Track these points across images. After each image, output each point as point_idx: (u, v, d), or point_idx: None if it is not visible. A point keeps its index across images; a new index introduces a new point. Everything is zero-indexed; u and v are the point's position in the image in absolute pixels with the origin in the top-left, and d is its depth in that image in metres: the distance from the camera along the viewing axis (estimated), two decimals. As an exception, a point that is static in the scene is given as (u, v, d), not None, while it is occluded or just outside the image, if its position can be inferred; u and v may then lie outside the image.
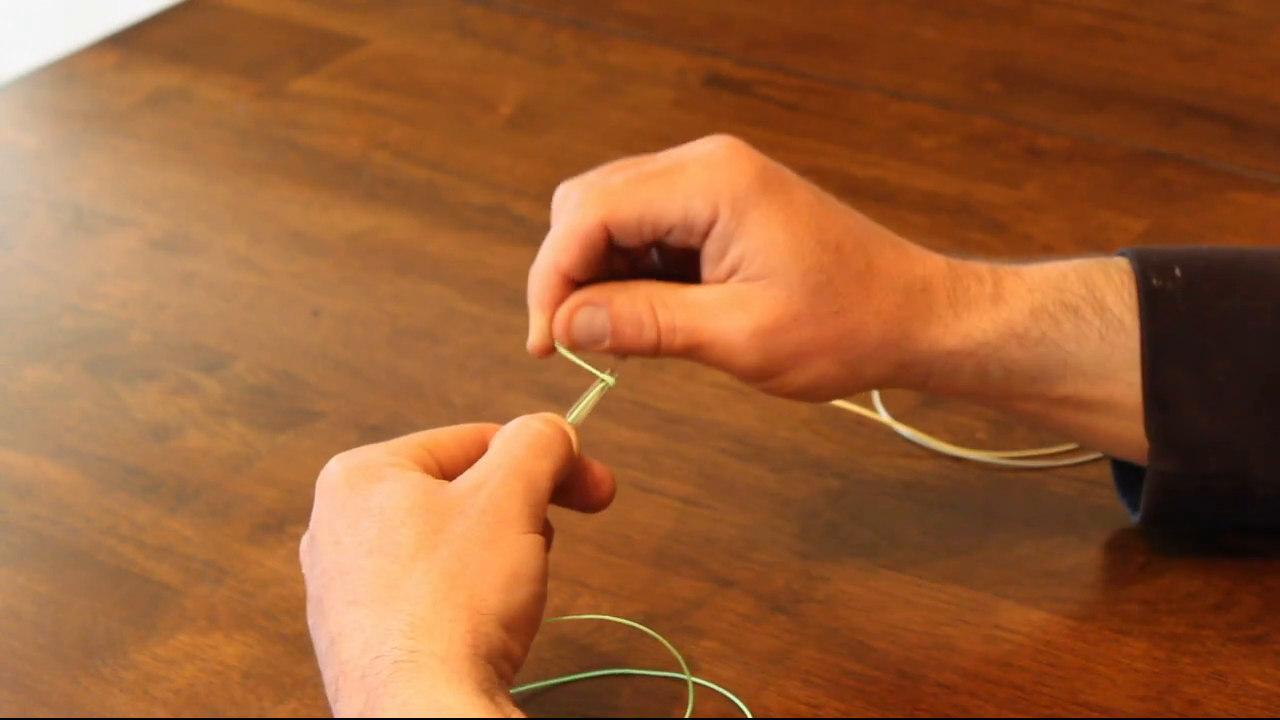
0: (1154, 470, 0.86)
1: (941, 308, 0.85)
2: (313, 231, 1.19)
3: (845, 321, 0.84)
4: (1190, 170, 1.22)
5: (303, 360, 1.08)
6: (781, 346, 0.84)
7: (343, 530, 0.77)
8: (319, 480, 0.80)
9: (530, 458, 0.79)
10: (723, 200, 0.83)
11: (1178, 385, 0.85)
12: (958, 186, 1.21)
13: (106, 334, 1.10)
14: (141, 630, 0.90)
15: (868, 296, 0.84)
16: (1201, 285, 0.86)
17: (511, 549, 0.76)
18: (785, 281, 0.83)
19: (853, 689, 0.85)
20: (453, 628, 0.74)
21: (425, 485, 0.78)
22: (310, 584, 0.79)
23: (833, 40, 1.39)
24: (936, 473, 0.98)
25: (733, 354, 0.84)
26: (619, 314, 0.84)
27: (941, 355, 0.85)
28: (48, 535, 0.96)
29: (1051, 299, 0.85)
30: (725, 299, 0.84)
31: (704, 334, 0.84)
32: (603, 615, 0.89)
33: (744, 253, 0.83)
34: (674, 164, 0.85)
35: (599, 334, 0.85)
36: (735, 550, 0.93)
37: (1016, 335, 0.85)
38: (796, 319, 0.83)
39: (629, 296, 0.84)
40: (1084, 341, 0.85)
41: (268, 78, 1.36)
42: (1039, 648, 0.87)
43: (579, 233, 0.84)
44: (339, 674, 0.75)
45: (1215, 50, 1.36)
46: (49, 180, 1.27)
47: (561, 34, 1.40)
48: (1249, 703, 0.84)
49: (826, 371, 0.85)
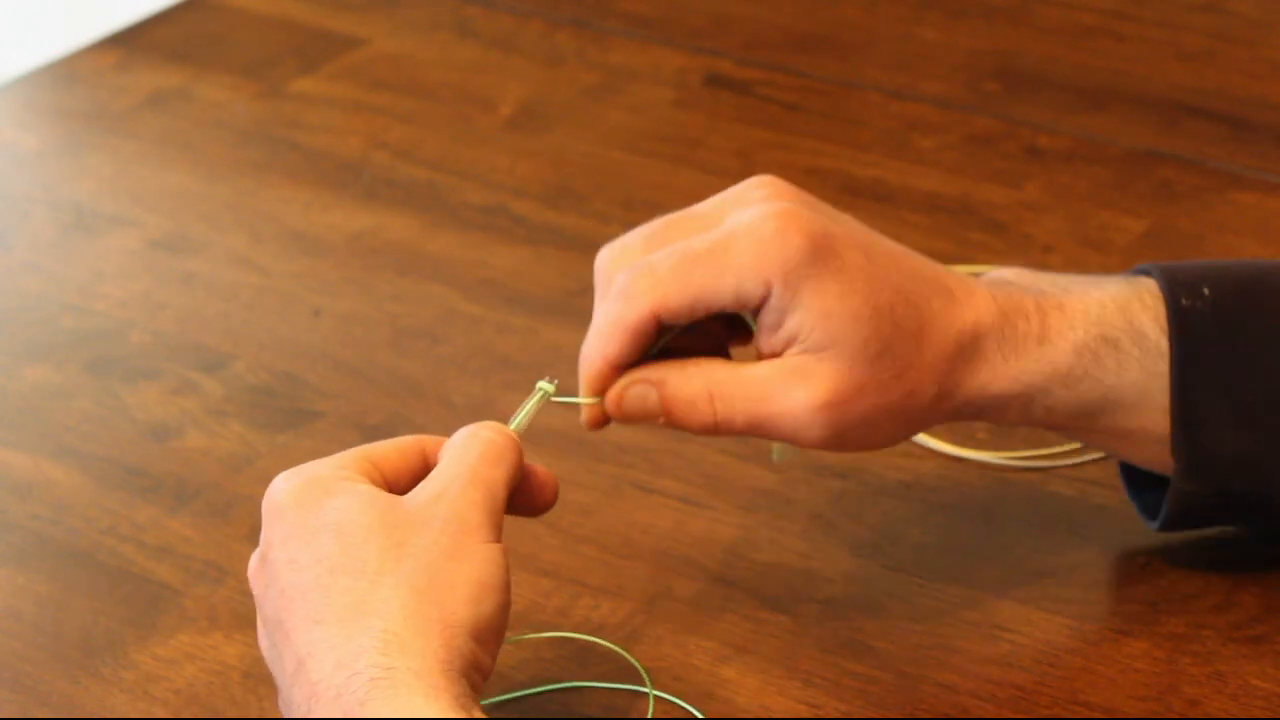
0: (1178, 489, 0.86)
1: (991, 353, 0.84)
2: (313, 231, 1.19)
3: (904, 384, 0.83)
4: (1190, 170, 1.22)
5: (303, 360, 1.08)
6: (848, 417, 0.83)
7: (298, 549, 0.76)
8: (265, 500, 0.78)
9: (485, 466, 0.78)
10: (775, 276, 0.81)
11: (1207, 407, 0.84)
12: (958, 186, 1.21)
13: (107, 334, 1.10)
14: (141, 630, 0.90)
15: (922, 356, 0.83)
16: (1229, 303, 0.85)
17: (477, 559, 0.76)
18: (847, 353, 0.82)
19: (853, 689, 0.85)
20: (425, 642, 0.73)
21: (380, 499, 0.77)
22: (265, 606, 0.77)
23: (833, 40, 1.39)
24: (936, 473, 0.98)
25: (800, 429, 0.83)
26: (673, 398, 0.83)
27: (989, 398, 0.85)
28: (48, 535, 0.96)
29: (1093, 335, 0.85)
30: (786, 374, 0.82)
31: (766, 413, 0.83)
32: (557, 633, 0.88)
33: (800, 325, 0.82)
34: (721, 240, 0.82)
35: (653, 412, 0.84)
36: (735, 550, 0.93)
37: (1060, 375, 0.85)
38: (860, 389, 0.82)
39: (684, 377, 0.83)
40: (1124, 373, 0.85)
41: (268, 78, 1.36)
42: (1039, 648, 0.87)
43: (628, 325, 0.82)
44: (309, 694, 0.74)
45: (1215, 50, 1.36)
46: (49, 180, 1.27)
47: (561, 34, 1.40)
48: (1249, 703, 0.84)
49: (890, 432, 0.85)
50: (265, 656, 0.78)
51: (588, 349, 0.84)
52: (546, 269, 1.15)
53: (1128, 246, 1.15)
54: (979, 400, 0.85)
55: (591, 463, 0.98)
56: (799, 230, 0.82)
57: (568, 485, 0.96)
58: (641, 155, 1.26)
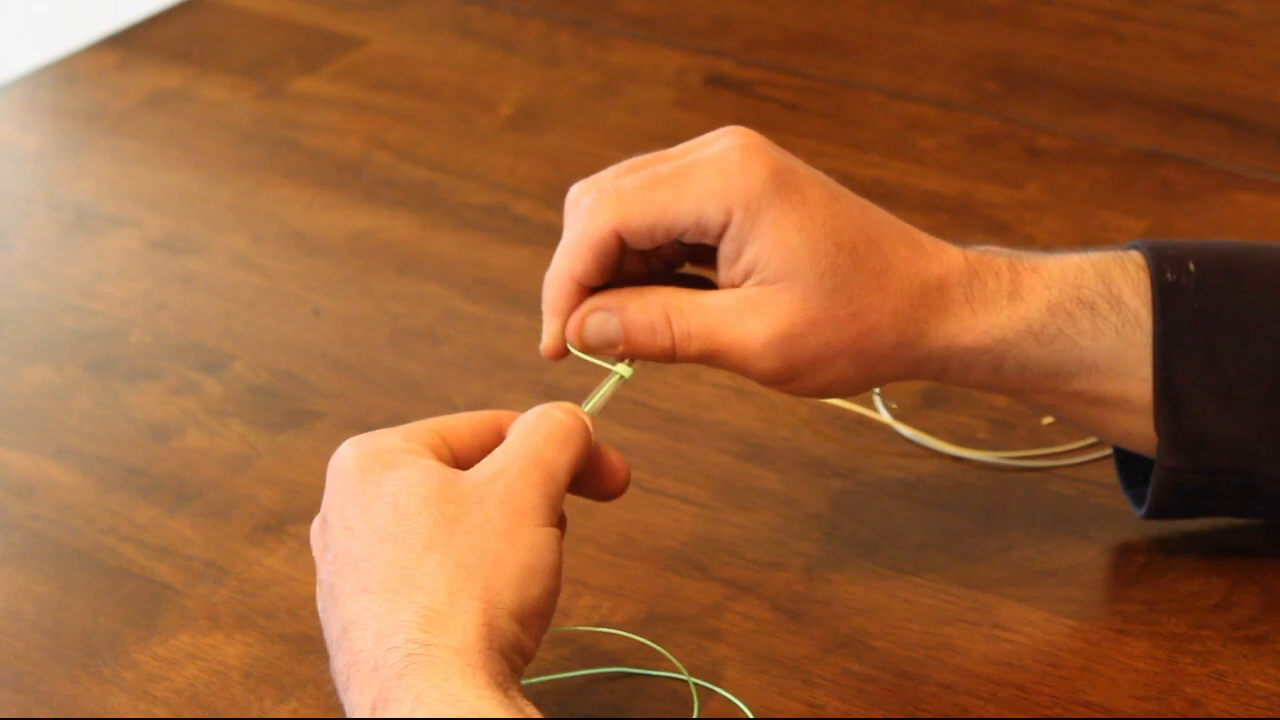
0: (1161, 466, 0.86)
1: (958, 305, 0.84)
2: (313, 231, 1.19)
3: (862, 323, 0.83)
4: (1190, 170, 1.22)
5: (303, 360, 1.08)
6: (799, 351, 0.83)
7: (355, 516, 0.77)
8: (331, 464, 0.79)
9: (550, 448, 0.79)
10: (735, 203, 0.82)
11: (1189, 382, 0.85)
12: (958, 186, 1.21)
13: (107, 334, 1.10)
14: (142, 630, 0.90)
15: (884, 298, 0.83)
16: (1215, 280, 0.85)
17: (528, 542, 0.76)
18: (801, 285, 0.82)
19: (853, 689, 0.85)
20: (467, 620, 0.74)
21: (440, 473, 0.77)
22: (321, 569, 0.78)
23: (833, 40, 1.39)
24: (937, 473, 0.98)
25: (750, 360, 0.83)
26: (632, 321, 0.83)
27: (957, 352, 0.85)
28: (48, 535, 0.96)
29: (1069, 295, 0.85)
30: (741, 304, 0.83)
31: (720, 341, 0.83)
32: (605, 628, 0.88)
33: (758, 255, 0.82)
34: (685, 166, 0.83)
35: (612, 339, 0.84)
36: (736, 550, 0.93)
37: (1033, 332, 0.85)
38: (813, 323, 0.83)
39: (643, 304, 0.84)
40: (1100, 338, 0.85)
41: (268, 78, 1.36)
42: (1039, 647, 0.87)
43: (592, 240, 0.83)
44: (350, 662, 0.74)
45: (1215, 50, 1.36)
46: (49, 180, 1.27)
47: (562, 34, 1.40)
48: (1249, 702, 0.84)
49: (844, 372, 0.84)
50: (320, 617, 0.79)
51: (553, 268, 0.84)
52: (546, 269, 1.15)
53: (1128, 246, 1.15)
54: (946, 353, 0.85)
55: (592, 463, 0.98)
56: (763, 161, 0.83)
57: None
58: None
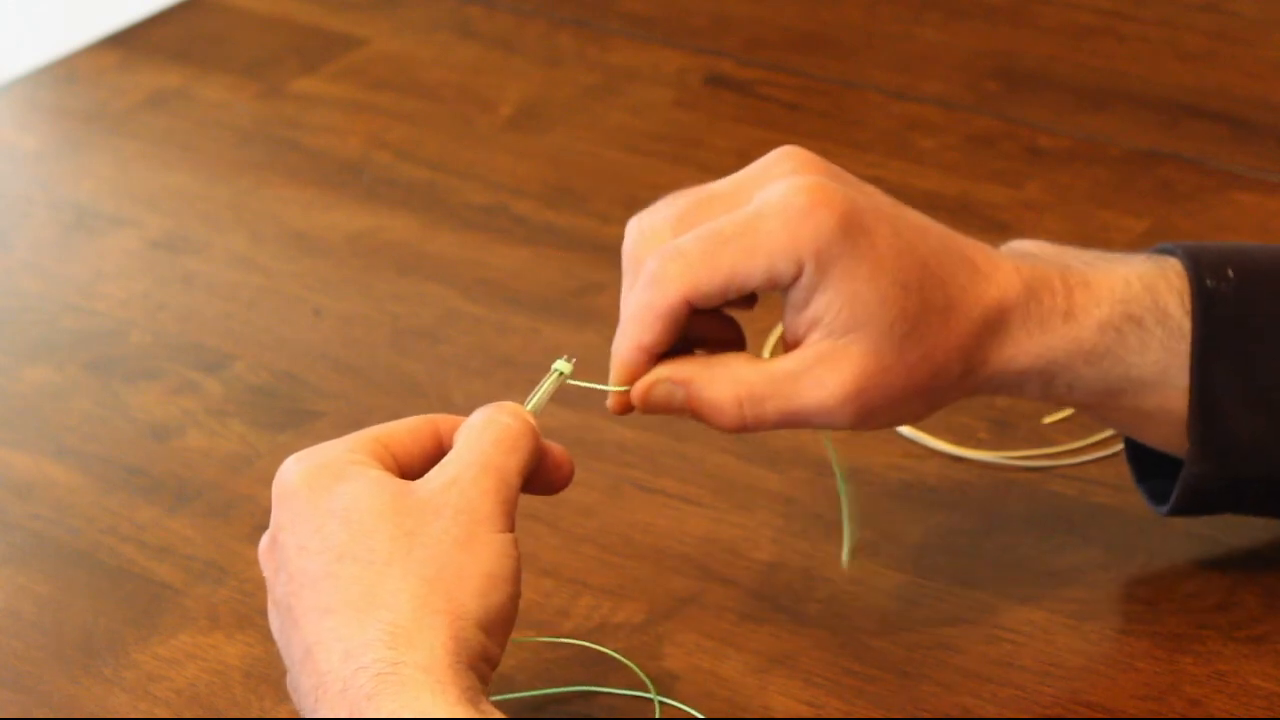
0: (1189, 472, 0.85)
1: (1016, 329, 0.84)
2: (313, 231, 1.19)
3: (932, 364, 0.82)
4: (1191, 170, 1.22)
5: (303, 360, 1.08)
6: (875, 399, 0.82)
7: (307, 535, 0.76)
8: (276, 482, 0.78)
9: (499, 453, 0.78)
10: (806, 255, 0.80)
11: (1225, 388, 0.84)
12: (958, 186, 1.21)
13: (107, 334, 1.10)
14: (142, 630, 0.90)
15: (949, 334, 0.82)
16: (1252, 285, 0.85)
17: (487, 550, 0.75)
18: (873, 335, 0.81)
19: (853, 689, 0.85)
20: (434, 635, 0.73)
21: (390, 484, 0.76)
22: (276, 589, 0.77)
23: (833, 40, 1.39)
24: (937, 473, 0.98)
25: (830, 418, 0.82)
26: (699, 397, 0.82)
27: (1012, 375, 0.84)
28: (48, 535, 0.96)
29: (1118, 312, 0.84)
30: (812, 366, 0.81)
31: (796, 411, 0.82)
32: (567, 639, 0.88)
33: (828, 306, 0.81)
34: (750, 219, 0.81)
35: (679, 407, 0.83)
36: (736, 550, 0.93)
37: (1084, 352, 0.84)
38: (887, 372, 0.82)
39: (710, 379, 0.82)
40: (1146, 353, 0.84)
41: (268, 78, 1.36)
42: (1039, 647, 0.87)
43: (660, 310, 0.81)
44: (317, 684, 0.73)
45: (1215, 50, 1.36)
46: (49, 180, 1.27)
47: (562, 34, 1.40)
48: (1250, 703, 0.84)
49: (915, 409, 0.84)
50: (275, 638, 0.78)
51: (621, 337, 0.83)
52: (546, 269, 1.15)
53: (1128, 246, 1.14)
54: (1002, 375, 0.84)
55: (591, 462, 0.98)
56: (829, 207, 0.81)
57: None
58: (641, 155, 1.26)
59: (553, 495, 0.82)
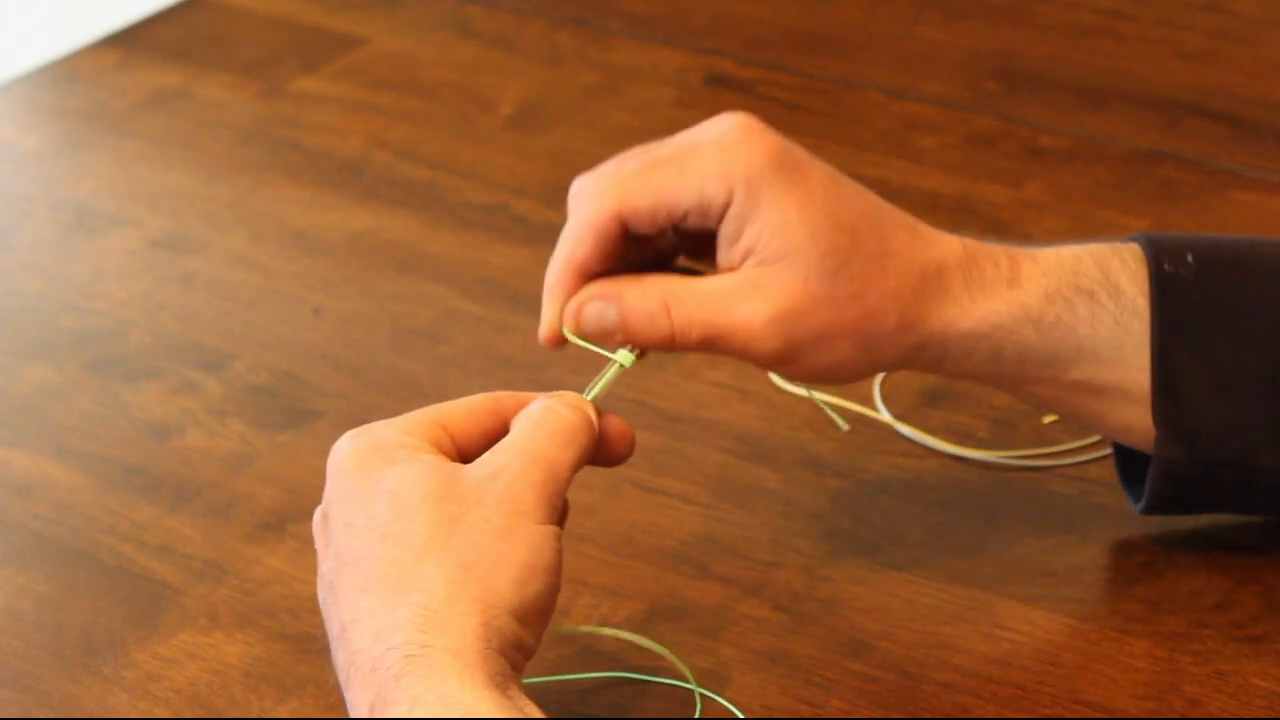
0: (1160, 458, 0.86)
1: (957, 290, 0.84)
2: (313, 231, 1.19)
3: (862, 304, 0.83)
4: (1191, 170, 1.22)
5: (303, 360, 1.08)
6: (800, 330, 0.82)
7: (354, 513, 0.76)
8: (330, 459, 0.79)
9: (553, 447, 0.78)
10: (737, 181, 0.82)
11: (1187, 372, 0.84)
12: (958, 186, 1.21)
13: (107, 334, 1.10)
14: (142, 630, 0.90)
15: (884, 279, 0.83)
16: (1214, 272, 0.85)
17: (527, 541, 0.76)
18: (802, 265, 0.82)
19: (853, 688, 0.85)
20: (465, 620, 0.73)
21: (440, 470, 0.77)
22: (323, 564, 0.78)
23: (833, 40, 1.39)
24: (937, 472, 0.98)
25: (752, 341, 0.82)
26: (631, 309, 0.83)
27: (956, 337, 0.84)
28: (48, 535, 0.96)
29: (1066, 283, 0.85)
30: (741, 286, 0.82)
31: (721, 325, 0.82)
32: (611, 630, 0.88)
33: (759, 235, 0.82)
34: (686, 147, 0.83)
35: (610, 327, 0.83)
36: (736, 550, 0.93)
37: (1031, 319, 0.84)
38: (814, 302, 0.82)
39: (641, 291, 0.83)
40: (1098, 326, 0.85)
41: (268, 78, 1.36)
42: (1039, 647, 0.87)
43: (593, 224, 0.82)
44: (349, 661, 0.74)
45: (1216, 50, 1.36)
46: (49, 180, 1.27)
47: (562, 34, 1.40)
48: (1250, 702, 0.84)
49: (845, 354, 0.83)
50: (323, 614, 0.79)
51: (556, 253, 0.84)
52: (547, 268, 1.14)
53: (1128, 246, 1.15)
54: (944, 338, 0.84)
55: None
56: (763, 139, 0.83)
57: (568, 485, 0.96)
58: (642, 155, 1.26)
59: (610, 467, 0.83)
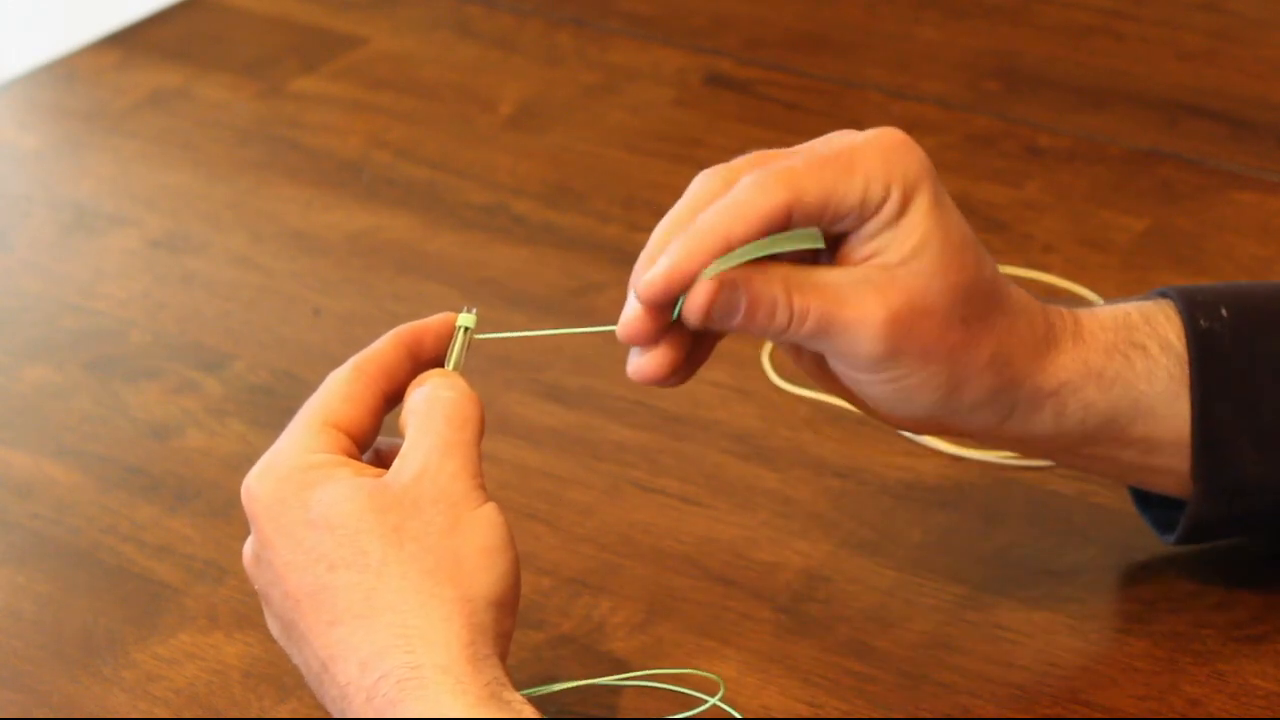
0: (1194, 512, 0.85)
1: (1039, 341, 0.83)
2: (313, 231, 1.19)
3: (968, 331, 0.81)
4: (1191, 170, 1.22)
5: (303, 360, 1.08)
6: (909, 338, 0.80)
7: (290, 551, 0.76)
8: (248, 499, 0.78)
9: (453, 430, 0.77)
10: (895, 184, 0.79)
11: (1229, 428, 0.84)
12: (958, 186, 1.21)
13: (107, 334, 1.10)
14: (142, 630, 0.90)
15: (989, 312, 0.82)
16: (1249, 326, 0.84)
17: (474, 527, 0.75)
18: (928, 270, 0.80)
19: (853, 688, 0.85)
20: (448, 628, 0.73)
21: (364, 485, 0.76)
22: (273, 604, 0.77)
23: (833, 40, 1.39)
24: (937, 472, 0.98)
25: (861, 338, 0.79)
26: (757, 295, 0.78)
27: (1030, 390, 0.83)
28: (48, 535, 0.96)
29: (1123, 338, 0.84)
30: (862, 281, 0.79)
31: (836, 316, 0.79)
32: (651, 673, 0.88)
33: (895, 236, 0.80)
34: (847, 147, 0.80)
35: (733, 312, 0.78)
36: (736, 550, 0.93)
37: (1094, 374, 0.84)
38: (929, 313, 0.80)
39: (765, 278, 0.79)
40: (1154, 381, 0.84)
41: (268, 77, 1.36)
42: (1039, 647, 0.87)
43: (763, 210, 0.77)
44: (341, 695, 0.74)
45: (1215, 50, 1.36)
46: (49, 180, 1.27)
47: (561, 34, 1.40)
48: (1249, 702, 0.84)
49: (933, 378, 0.81)
50: (280, 643, 0.78)
51: (707, 221, 0.78)
52: (546, 269, 1.15)
53: (1128, 246, 1.15)
54: (1019, 388, 0.83)
55: (591, 462, 0.98)
56: (920, 152, 0.80)
57: (568, 484, 0.96)
58: (641, 155, 1.26)
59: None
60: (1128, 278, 1.11)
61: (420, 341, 0.81)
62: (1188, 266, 1.12)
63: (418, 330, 0.81)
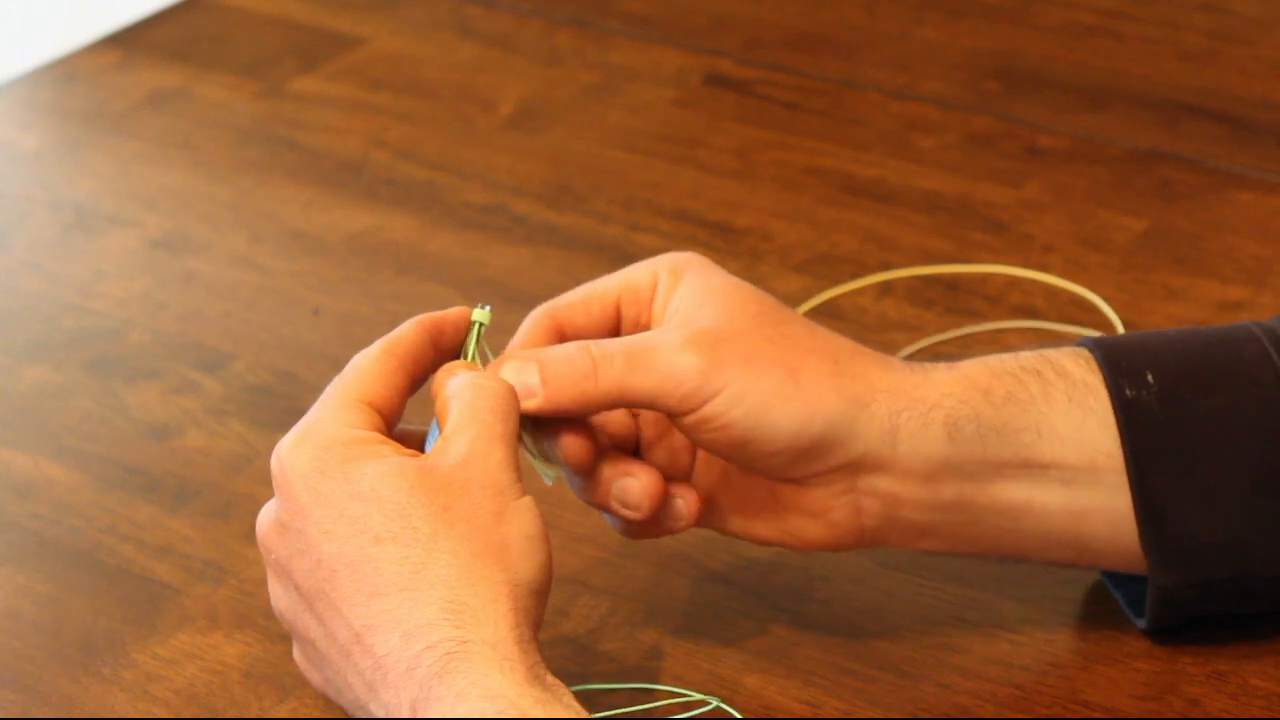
0: (1155, 585, 0.83)
1: (897, 365, 0.83)
2: (313, 231, 1.19)
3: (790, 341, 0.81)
4: (1190, 170, 1.22)
5: (303, 360, 1.08)
6: (718, 347, 0.80)
7: (330, 520, 0.76)
8: (279, 468, 0.78)
9: (498, 421, 0.78)
10: (661, 268, 0.84)
11: (1170, 495, 0.82)
12: (958, 186, 1.21)
13: (106, 334, 1.10)
14: (142, 630, 0.90)
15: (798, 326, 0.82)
16: (1178, 389, 0.82)
17: (518, 516, 0.76)
18: (725, 310, 0.82)
19: (853, 689, 0.85)
20: (495, 609, 0.74)
21: (410, 464, 0.77)
22: (295, 575, 0.77)
23: (833, 40, 1.39)
24: (937, 472, 0.98)
25: (674, 363, 0.80)
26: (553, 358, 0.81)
27: (904, 401, 0.82)
28: (48, 535, 0.96)
29: (1008, 363, 0.83)
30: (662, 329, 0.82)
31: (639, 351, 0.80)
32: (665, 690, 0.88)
33: (680, 299, 0.83)
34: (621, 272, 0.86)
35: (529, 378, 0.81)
36: (735, 550, 0.93)
37: (980, 389, 0.82)
38: (738, 333, 0.81)
39: (561, 348, 0.82)
40: (1052, 402, 0.82)
41: (268, 77, 1.36)
42: (1039, 647, 0.87)
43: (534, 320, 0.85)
44: (375, 666, 0.74)
45: (1215, 50, 1.36)
46: (49, 180, 1.27)
47: (561, 34, 1.40)
48: (1249, 702, 0.84)
49: (776, 385, 0.80)
50: (284, 616, 0.79)
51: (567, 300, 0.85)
52: (546, 269, 1.15)
53: (1128, 246, 1.15)
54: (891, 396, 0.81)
55: (591, 462, 0.98)
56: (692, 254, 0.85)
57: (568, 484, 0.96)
58: (641, 155, 1.26)
59: None
60: (1127, 278, 1.11)
61: (441, 330, 0.83)
62: (1187, 266, 1.12)
63: (439, 320, 0.83)
